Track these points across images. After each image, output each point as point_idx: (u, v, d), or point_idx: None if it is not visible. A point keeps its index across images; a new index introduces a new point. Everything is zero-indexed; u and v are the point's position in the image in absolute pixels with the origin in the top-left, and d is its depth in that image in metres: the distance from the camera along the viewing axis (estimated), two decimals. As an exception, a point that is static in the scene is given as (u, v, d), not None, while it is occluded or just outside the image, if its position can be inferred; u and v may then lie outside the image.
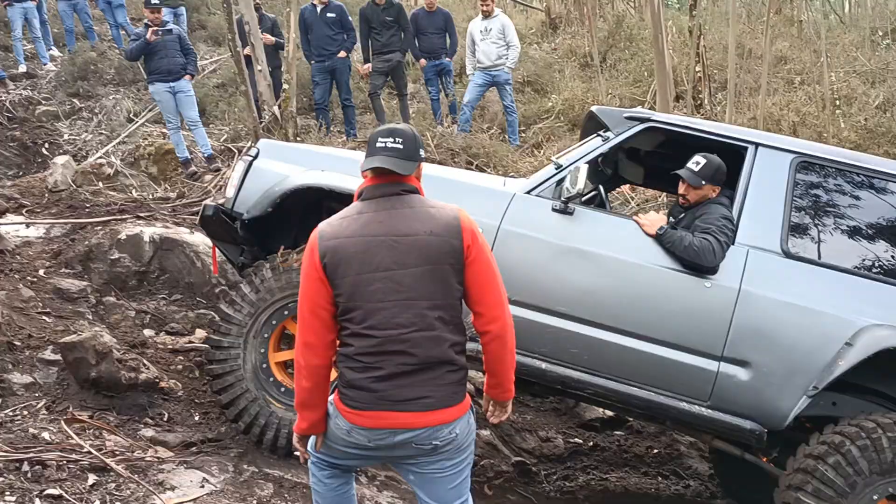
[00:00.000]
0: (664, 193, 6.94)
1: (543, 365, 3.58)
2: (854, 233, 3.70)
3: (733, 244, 3.58)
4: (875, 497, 3.28)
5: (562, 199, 3.65)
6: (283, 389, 3.82)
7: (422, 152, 2.49)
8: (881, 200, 3.72)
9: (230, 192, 4.04)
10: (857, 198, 3.74)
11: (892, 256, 3.64)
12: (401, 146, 2.40)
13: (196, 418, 4.23)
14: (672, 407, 3.54)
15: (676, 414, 3.55)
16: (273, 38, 8.89)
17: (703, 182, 3.76)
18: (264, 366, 3.83)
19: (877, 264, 3.62)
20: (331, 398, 2.45)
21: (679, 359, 3.51)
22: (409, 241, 2.32)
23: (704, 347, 3.50)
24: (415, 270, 2.31)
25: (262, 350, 3.83)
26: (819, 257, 3.62)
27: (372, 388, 2.32)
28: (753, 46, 11.43)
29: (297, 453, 2.60)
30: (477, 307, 2.41)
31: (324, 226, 2.41)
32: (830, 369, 3.35)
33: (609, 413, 5.50)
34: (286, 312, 3.81)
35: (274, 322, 3.83)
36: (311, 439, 2.52)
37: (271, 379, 3.84)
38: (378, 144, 2.40)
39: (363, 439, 2.38)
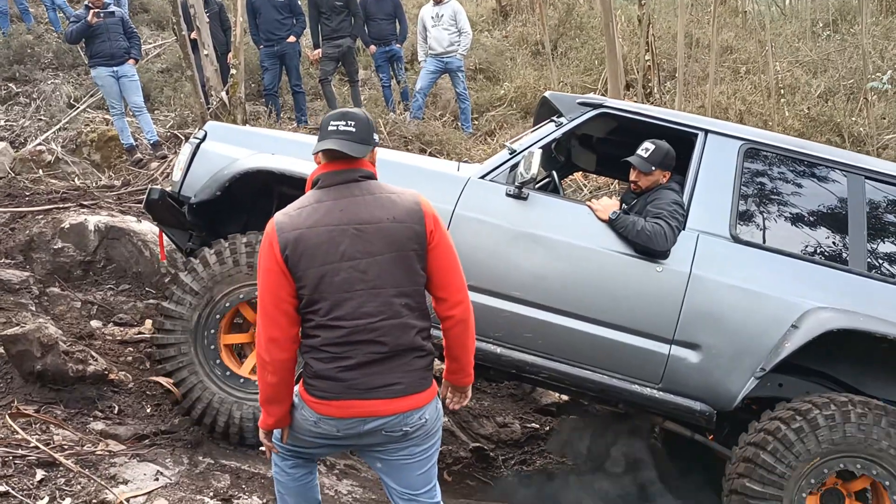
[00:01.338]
0: (616, 181, 7.04)
1: (498, 349, 3.61)
2: (799, 218, 3.81)
3: (684, 229, 3.65)
4: (813, 480, 3.38)
5: (516, 183, 3.66)
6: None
7: (376, 137, 2.45)
8: (824, 187, 3.83)
9: (177, 175, 3.93)
10: (802, 184, 3.84)
11: (835, 241, 3.75)
12: (353, 129, 2.35)
13: (148, 410, 4.14)
14: (625, 389, 3.60)
15: (629, 396, 3.62)
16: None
17: (653, 168, 3.83)
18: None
19: (821, 249, 3.73)
20: (296, 389, 2.41)
21: (631, 342, 3.57)
22: (372, 228, 2.29)
23: (656, 331, 3.57)
24: (380, 258, 2.28)
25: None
26: (766, 242, 3.71)
27: (340, 377, 2.29)
28: (700, 36, 11.65)
29: (262, 449, 2.54)
30: (440, 292, 2.40)
31: (281, 217, 2.33)
32: (777, 351, 3.45)
33: (565, 397, 5.57)
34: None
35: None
36: (276, 432, 2.47)
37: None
38: (330, 128, 2.36)
39: (332, 429, 2.35)
